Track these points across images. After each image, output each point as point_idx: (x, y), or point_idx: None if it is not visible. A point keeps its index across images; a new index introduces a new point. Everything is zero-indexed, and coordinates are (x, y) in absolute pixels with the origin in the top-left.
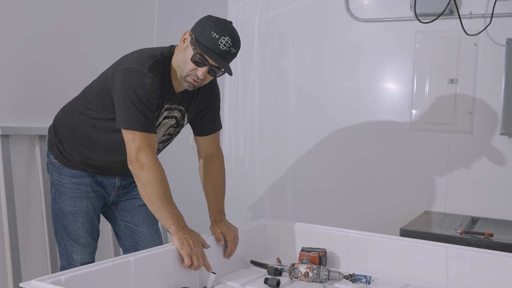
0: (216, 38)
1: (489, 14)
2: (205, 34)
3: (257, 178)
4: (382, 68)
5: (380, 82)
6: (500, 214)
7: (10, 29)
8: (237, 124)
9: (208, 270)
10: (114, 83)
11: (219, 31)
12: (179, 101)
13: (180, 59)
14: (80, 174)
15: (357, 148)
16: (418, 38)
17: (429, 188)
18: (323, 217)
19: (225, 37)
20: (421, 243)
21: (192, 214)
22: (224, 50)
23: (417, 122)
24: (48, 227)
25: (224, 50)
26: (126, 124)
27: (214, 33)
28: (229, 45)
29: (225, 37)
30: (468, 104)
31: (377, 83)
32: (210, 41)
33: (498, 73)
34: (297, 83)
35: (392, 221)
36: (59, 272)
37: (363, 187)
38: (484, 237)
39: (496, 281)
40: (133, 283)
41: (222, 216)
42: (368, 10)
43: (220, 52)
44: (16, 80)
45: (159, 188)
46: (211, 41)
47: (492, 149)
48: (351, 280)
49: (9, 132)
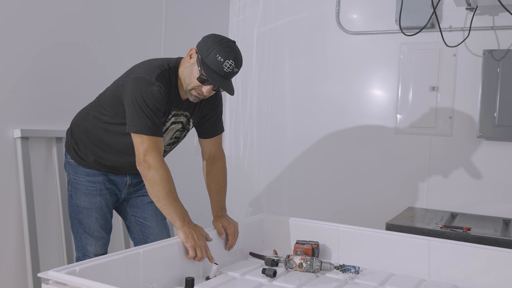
0: (221, 62)
1: (467, 27)
2: (211, 57)
3: (255, 177)
4: (370, 77)
5: (368, 90)
6: (477, 210)
7: (30, 44)
8: (237, 128)
9: (211, 261)
10: (125, 91)
11: (224, 55)
12: (185, 107)
13: (187, 74)
14: (94, 173)
15: (346, 150)
16: (402, 49)
17: (413, 186)
18: (316, 213)
19: (229, 60)
20: (405, 236)
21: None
22: (227, 72)
23: (402, 126)
24: (64, 221)
25: (228, 72)
26: (135, 129)
27: (219, 57)
28: (233, 67)
29: (229, 60)
30: (448, 110)
31: (365, 90)
32: (215, 64)
33: (476, 81)
34: (292, 90)
35: (378, 216)
36: (74, 263)
37: (352, 185)
38: (462, 231)
39: (473, 271)
40: (142, 273)
41: (223, 211)
42: (357, 23)
43: (223, 74)
44: (36, 88)
45: (165, 187)
46: (216, 64)
47: (470, 151)
48: (341, 270)
49: (28, 135)
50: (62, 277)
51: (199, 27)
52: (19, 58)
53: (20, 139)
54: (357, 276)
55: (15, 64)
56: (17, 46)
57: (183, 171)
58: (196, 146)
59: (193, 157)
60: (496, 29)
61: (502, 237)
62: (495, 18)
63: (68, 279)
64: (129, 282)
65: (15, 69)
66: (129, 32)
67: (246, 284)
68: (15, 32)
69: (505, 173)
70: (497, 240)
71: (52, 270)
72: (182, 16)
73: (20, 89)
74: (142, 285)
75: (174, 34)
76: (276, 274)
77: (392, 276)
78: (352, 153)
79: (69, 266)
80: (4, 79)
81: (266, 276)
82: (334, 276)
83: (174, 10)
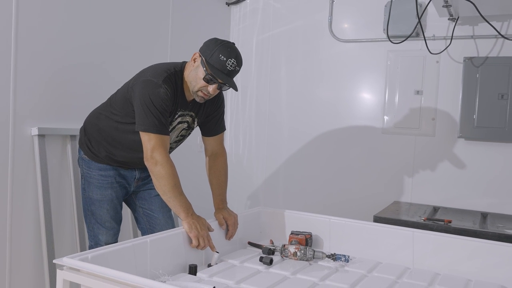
0: (224, 61)
1: (449, 36)
2: (214, 57)
3: (254, 172)
4: (359, 81)
5: (358, 93)
6: (457, 204)
7: (47, 50)
8: (237, 127)
9: (213, 249)
10: (134, 93)
11: (226, 54)
12: (190, 108)
13: (192, 76)
14: (105, 168)
15: (338, 149)
16: (389, 56)
17: (398, 182)
18: (309, 206)
19: (231, 59)
20: (391, 228)
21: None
22: (230, 70)
23: (388, 127)
24: (77, 213)
25: (231, 70)
26: (143, 127)
27: (222, 56)
28: (235, 65)
29: (231, 59)
30: (431, 112)
31: (355, 93)
32: (219, 63)
33: (457, 86)
34: (288, 93)
35: (367, 209)
36: (87, 251)
37: (342, 181)
38: (444, 223)
39: (454, 260)
40: (149, 260)
41: (224, 204)
42: (348, 32)
43: (227, 72)
44: (52, 90)
45: (170, 181)
46: (220, 63)
47: (451, 150)
48: (333, 259)
49: (45, 133)
50: (75, 263)
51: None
52: (38, 63)
53: (37, 136)
54: (347, 264)
55: (34, 68)
56: (35, 53)
57: (188, 167)
58: (200, 144)
59: (197, 154)
60: (475, 38)
61: (480, 229)
62: (475, 28)
63: (81, 265)
64: (137, 269)
65: (33, 72)
66: (138, 39)
67: (245, 271)
68: (34, 40)
69: (483, 170)
70: (476, 232)
71: (66, 257)
72: (187, 24)
73: (37, 91)
74: (149, 271)
75: (180, 41)
76: (272, 262)
77: (379, 264)
78: (343, 151)
79: (82, 254)
80: (24, 81)
81: (263, 264)
82: (326, 264)
83: (180, 19)
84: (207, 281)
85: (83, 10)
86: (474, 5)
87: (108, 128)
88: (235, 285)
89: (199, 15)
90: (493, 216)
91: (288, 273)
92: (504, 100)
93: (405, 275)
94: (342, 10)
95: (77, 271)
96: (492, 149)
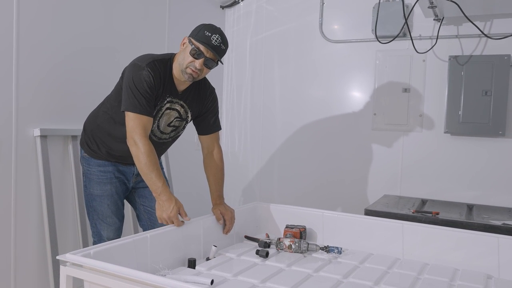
0: (209, 36)
1: (435, 36)
2: (200, 34)
3: (249, 169)
4: (349, 80)
5: (348, 91)
6: (444, 197)
7: (48, 53)
8: (233, 125)
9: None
10: (123, 78)
11: (210, 31)
12: (180, 97)
13: (181, 57)
14: (104, 164)
15: (329, 144)
16: (378, 55)
17: (388, 176)
18: (303, 200)
19: (215, 34)
20: (381, 220)
21: (197, 198)
22: (215, 45)
23: (378, 123)
24: (79, 210)
25: (216, 45)
26: (124, 107)
27: (207, 32)
28: (219, 41)
29: (215, 34)
30: (418, 109)
31: (345, 91)
32: (204, 38)
33: (442, 83)
34: (281, 92)
35: (358, 202)
36: (89, 247)
37: (334, 175)
38: (432, 215)
39: (442, 250)
40: (149, 255)
41: (221, 200)
42: (338, 33)
43: (212, 46)
44: (53, 92)
45: (145, 160)
46: (205, 38)
47: (438, 145)
48: (326, 251)
49: (47, 133)
50: (78, 259)
51: None
52: (39, 65)
53: (39, 137)
54: (340, 256)
55: (36, 70)
56: (37, 55)
57: (186, 164)
58: (197, 142)
59: (194, 152)
60: (460, 37)
61: (467, 220)
62: (459, 28)
63: (83, 261)
64: (138, 263)
65: (35, 74)
66: (136, 41)
67: (242, 264)
68: (36, 42)
69: (469, 164)
70: (462, 223)
71: (69, 253)
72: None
73: (39, 93)
74: (150, 265)
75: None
76: (268, 255)
77: (371, 255)
78: (335, 148)
79: (85, 250)
80: (26, 84)
81: (260, 256)
82: (320, 256)
83: (176, 22)
84: (205, 274)
85: (85, 14)
86: (458, 6)
87: (106, 123)
88: (233, 277)
89: (195, 18)
90: (478, 208)
91: (283, 265)
92: (488, 96)
93: (396, 265)
94: (332, 12)
95: (80, 267)
96: (476, 144)
